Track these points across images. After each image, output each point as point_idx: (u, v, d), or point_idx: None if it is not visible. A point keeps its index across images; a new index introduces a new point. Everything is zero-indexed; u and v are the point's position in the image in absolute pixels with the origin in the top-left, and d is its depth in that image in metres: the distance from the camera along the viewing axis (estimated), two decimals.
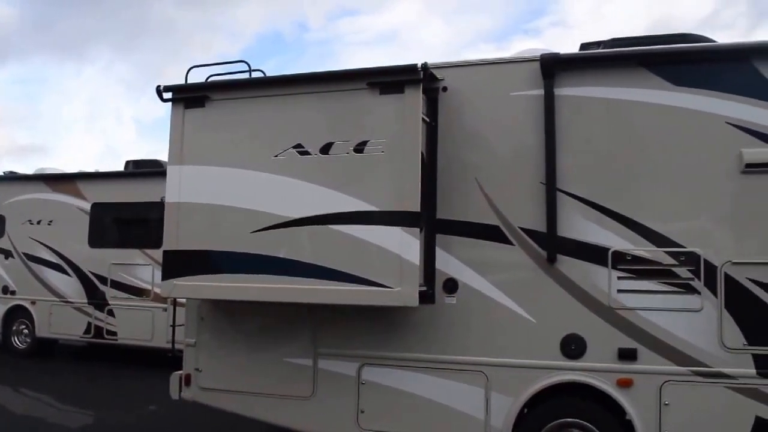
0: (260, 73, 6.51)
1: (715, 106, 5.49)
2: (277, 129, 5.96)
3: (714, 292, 5.38)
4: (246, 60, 6.52)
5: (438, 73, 5.91)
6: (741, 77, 5.48)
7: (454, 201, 5.90)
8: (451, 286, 5.87)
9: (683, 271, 5.44)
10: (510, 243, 5.76)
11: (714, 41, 5.96)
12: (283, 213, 5.84)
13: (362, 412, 6.07)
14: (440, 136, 5.93)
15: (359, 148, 5.66)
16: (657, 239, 5.50)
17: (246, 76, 6.46)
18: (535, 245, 5.70)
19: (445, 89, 5.96)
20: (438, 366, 5.88)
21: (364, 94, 5.69)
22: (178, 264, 6.23)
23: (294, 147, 5.85)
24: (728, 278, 5.36)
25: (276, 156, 5.90)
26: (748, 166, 5.37)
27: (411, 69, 5.57)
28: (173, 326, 7.84)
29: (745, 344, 5.32)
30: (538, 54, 5.82)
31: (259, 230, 5.89)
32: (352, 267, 5.61)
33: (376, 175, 5.61)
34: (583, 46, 6.32)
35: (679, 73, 5.59)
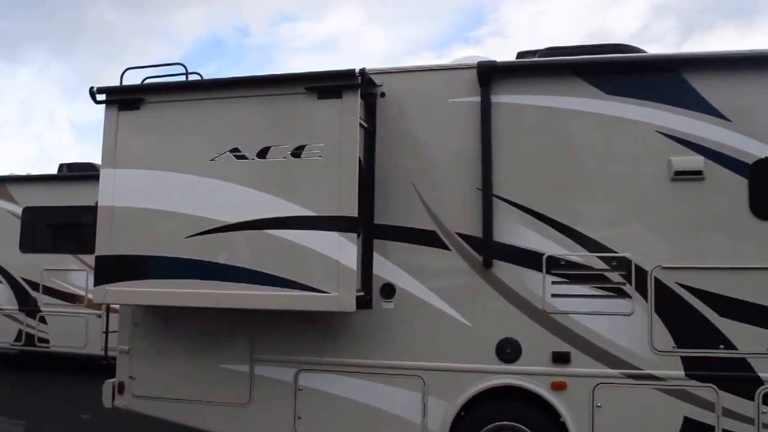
0: (197, 76, 6.41)
1: (646, 115, 5.64)
2: (214, 133, 5.87)
3: (644, 296, 5.52)
4: (185, 64, 6.43)
5: (376, 79, 5.93)
6: (671, 87, 5.65)
7: (392, 206, 5.91)
8: (389, 291, 5.88)
9: (615, 276, 5.56)
10: (447, 248, 5.80)
11: (645, 52, 6.12)
12: (219, 218, 5.76)
13: (299, 418, 6.02)
14: (378, 142, 5.94)
15: (297, 152, 5.63)
16: (590, 245, 5.62)
17: (183, 79, 6.35)
18: (471, 250, 5.76)
19: (383, 95, 5.97)
20: (375, 371, 5.88)
21: (302, 99, 5.66)
22: (111, 269, 6.08)
23: (231, 151, 5.78)
24: (658, 282, 5.51)
25: (212, 160, 5.82)
26: (677, 173, 5.53)
27: (349, 74, 5.57)
28: (106, 333, 7.65)
29: (674, 347, 5.47)
30: (475, 61, 5.89)
31: (194, 235, 5.80)
32: (289, 272, 5.57)
33: (314, 179, 5.58)
34: (520, 55, 6.42)
35: (611, 82, 5.73)
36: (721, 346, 5.41)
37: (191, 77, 6.36)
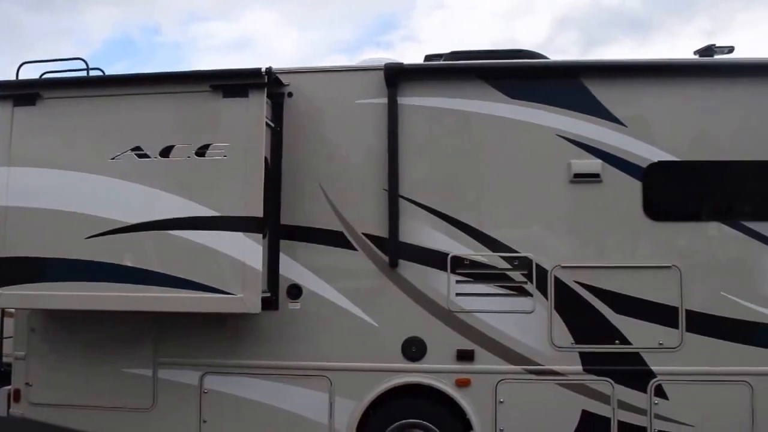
0: (98, 72, 6.22)
1: (546, 119, 5.82)
2: (115, 130, 5.69)
3: (545, 294, 5.69)
4: (85, 59, 6.23)
5: (284, 79, 5.89)
6: (571, 93, 5.84)
7: (299, 207, 5.89)
8: (296, 291, 5.85)
9: (517, 275, 5.71)
10: (353, 248, 5.82)
11: (548, 58, 6.30)
12: (120, 218, 5.58)
13: (204, 421, 5.92)
14: (285, 142, 5.91)
15: (201, 151, 5.52)
16: (493, 245, 5.75)
17: (83, 75, 6.15)
18: (377, 251, 5.80)
19: (290, 95, 5.94)
20: (282, 372, 5.84)
21: (207, 97, 5.56)
22: (4, 272, 5.80)
23: (132, 149, 5.61)
24: (558, 281, 5.69)
25: (113, 158, 5.64)
26: (576, 176, 5.73)
27: (255, 73, 5.51)
28: (0, 339, 7.30)
29: (572, 343, 5.67)
30: (382, 63, 5.93)
31: (94, 236, 5.61)
32: (193, 274, 5.46)
33: (219, 179, 5.49)
34: (428, 58, 6.53)
35: (515, 86, 5.88)
36: (617, 342, 5.63)
37: (92, 73, 6.16)
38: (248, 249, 5.39)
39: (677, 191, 5.81)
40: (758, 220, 5.70)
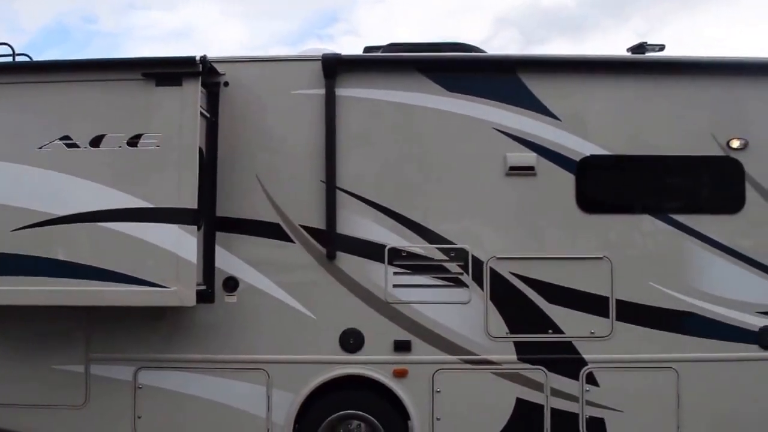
0: (25, 58, 6.00)
1: (483, 113, 5.89)
2: (42, 119, 5.48)
3: (481, 285, 5.77)
4: (11, 45, 5.99)
5: (219, 68, 5.78)
6: (507, 86, 5.92)
7: (235, 198, 5.81)
8: (232, 284, 5.79)
9: (453, 267, 5.78)
10: (291, 241, 5.79)
11: (485, 52, 6.37)
12: (48, 210, 5.39)
13: (139, 417, 5.81)
14: (221, 132, 5.81)
15: (133, 141, 5.38)
16: (430, 236, 5.80)
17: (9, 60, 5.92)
18: (315, 243, 5.77)
19: (226, 84, 5.85)
20: (218, 366, 5.78)
21: (139, 86, 5.42)
22: None
23: (61, 139, 5.43)
24: (493, 272, 5.78)
25: (41, 148, 5.45)
26: (511, 169, 5.82)
27: (189, 61, 5.39)
28: None
29: (507, 333, 5.77)
30: (320, 54, 5.89)
31: (21, 228, 5.42)
32: (125, 266, 5.33)
33: (151, 170, 5.37)
34: (366, 50, 6.52)
35: (452, 79, 5.92)
36: (550, 331, 5.76)
37: (18, 59, 5.94)
38: (182, 241, 5.30)
39: (609, 185, 5.98)
40: (686, 212, 5.90)
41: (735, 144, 5.93)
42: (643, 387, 5.79)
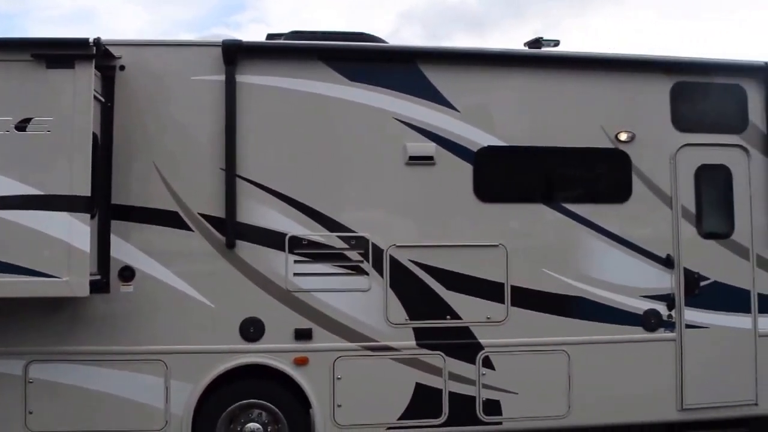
0: None
1: (385, 103, 5.97)
2: None
3: (381, 273, 5.86)
4: None
5: (115, 51, 5.62)
6: (408, 77, 6.02)
7: (132, 186, 5.68)
8: (128, 274, 5.65)
9: (354, 255, 5.84)
10: (189, 229, 5.70)
11: (386, 42, 6.44)
12: None
13: (30, 413, 5.59)
14: (117, 117, 5.64)
15: (21, 125, 5.15)
16: (331, 225, 5.84)
17: None
18: (214, 231, 5.71)
19: (122, 68, 5.69)
20: (114, 358, 5.63)
21: (28, 67, 5.18)
22: None
23: None
24: (393, 260, 5.87)
25: None
26: (411, 158, 5.92)
27: (82, 43, 5.21)
28: None
29: (407, 319, 5.88)
30: (221, 39, 5.81)
31: None
32: (13, 256, 5.09)
33: (42, 156, 5.15)
34: (269, 37, 6.48)
35: (353, 69, 5.96)
36: (448, 317, 5.92)
37: None
38: (75, 230, 5.13)
39: (504, 174, 6.17)
40: (577, 202, 6.17)
41: (623, 137, 6.24)
42: (537, 369, 6.03)
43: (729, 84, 6.53)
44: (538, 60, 6.33)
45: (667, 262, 6.24)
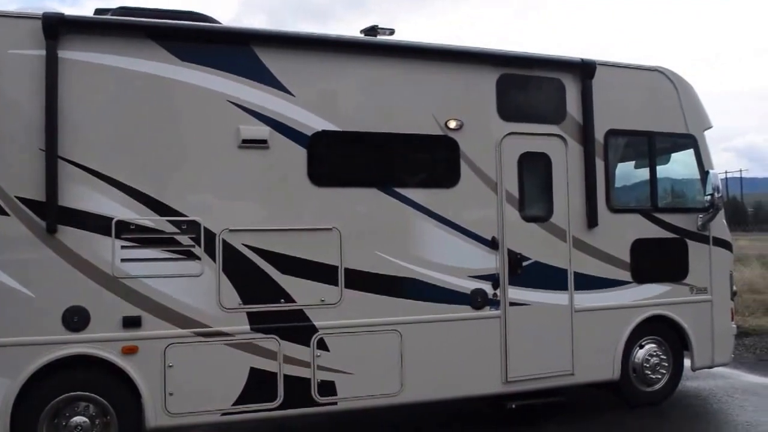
0: None
1: (217, 84, 5.88)
2: None
3: (213, 257, 5.78)
4: None
5: None
6: (241, 59, 5.96)
7: None
8: None
9: (185, 239, 5.72)
10: (5, 213, 5.33)
11: (219, 23, 6.33)
12: None
13: None
14: None
15: None
16: (161, 209, 5.67)
17: None
18: (33, 215, 5.37)
19: None
20: None
21: None
22: None
23: None
24: (226, 244, 5.81)
25: None
26: (245, 141, 5.88)
27: None
28: None
29: (240, 304, 5.85)
30: (41, 11, 5.47)
31: None
32: None
33: None
34: (98, 12, 6.16)
35: (185, 49, 5.83)
36: (282, 301, 5.95)
37: None
38: None
39: (338, 159, 6.28)
40: (409, 187, 6.39)
41: (452, 124, 6.52)
42: (370, 349, 6.20)
43: (549, 77, 6.99)
44: (374, 47, 6.48)
45: (493, 244, 6.61)
